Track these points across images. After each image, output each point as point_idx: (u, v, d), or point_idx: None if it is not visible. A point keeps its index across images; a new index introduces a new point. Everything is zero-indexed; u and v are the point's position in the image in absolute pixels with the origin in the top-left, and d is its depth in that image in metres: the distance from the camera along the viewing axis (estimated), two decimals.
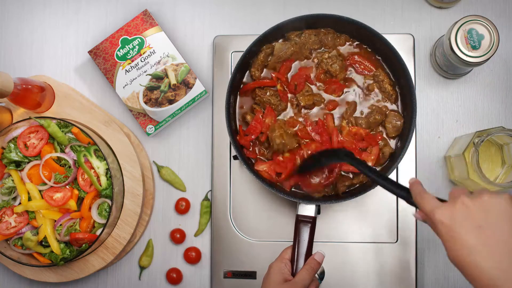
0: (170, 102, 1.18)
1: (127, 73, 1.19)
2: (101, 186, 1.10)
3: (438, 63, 1.16)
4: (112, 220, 1.10)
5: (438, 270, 1.17)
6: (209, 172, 1.21)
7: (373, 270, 1.14)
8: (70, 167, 1.12)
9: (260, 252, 1.15)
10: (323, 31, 1.08)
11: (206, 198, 1.19)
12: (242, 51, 1.06)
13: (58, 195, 1.10)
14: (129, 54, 1.19)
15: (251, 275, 1.15)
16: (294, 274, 0.97)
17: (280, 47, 1.07)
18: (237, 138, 1.06)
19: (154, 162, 1.22)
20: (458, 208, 0.76)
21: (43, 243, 1.12)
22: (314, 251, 0.99)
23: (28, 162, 1.12)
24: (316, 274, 1.00)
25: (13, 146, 1.12)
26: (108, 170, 1.11)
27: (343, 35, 1.09)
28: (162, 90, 1.18)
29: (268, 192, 1.17)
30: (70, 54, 1.25)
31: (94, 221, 1.12)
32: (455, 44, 1.04)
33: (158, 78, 1.18)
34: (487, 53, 1.03)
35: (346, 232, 1.15)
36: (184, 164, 1.22)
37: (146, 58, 1.19)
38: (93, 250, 1.13)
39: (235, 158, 1.06)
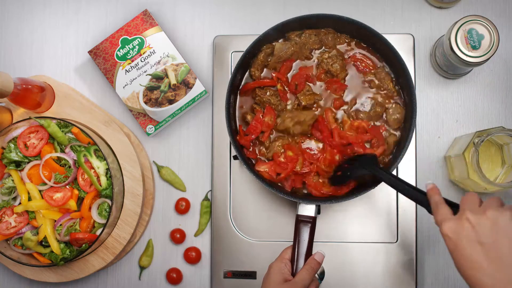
0: (170, 102, 1.18)
1: (127, 73, 1.19)
2: (101, 186, 1.10)
3: (438, 63, 1.16)
4: (112, 220, 1.10)
5: (438, 270, 1.17)
6: (209, 172, 1.21)
7: (373, 270, 1.14)
8: (70, 167, 1.12)
9: (260, 252, 1.15)
10: (323, 31, 1.08)
11: (206, 198, 1.19)
12: (242, 51, 1.06)
13: (58, 195, 1.10)
14: (129, 54, 1.19)
15: (251, 275, 1.15)
16: (294, 274, 0.97)
17: (280, 47, 1.07)
18: (237, 138, 1.06)
19: (154, 162, 1.22)
20: (463, 224, 0.78)
21: (43, 243, 1.12)
22: (314, 251, 0.99)
23: (28, 162, 1.12)
24: (316, 274, 1.00)
25: (13, 146, 1.12)
26: (108, 170, 1.11)
27: (343, 35, 1.09)
28: (162, 90, 1.18)
29: (268, 192, 1.17)
30: (70, 54, 1.25)
31: (94, 221, 1.12)
32: (455, 44, 1.04)
33: (158, 78, 1.18)
34: (487, 53, 1.03)
35: (346, 232, 1.15)
36: (184, 164, 1.22)
37: (146, 58, 1.19)
38: (93, 250, 1.13)
39: (235, 158, 1.06)
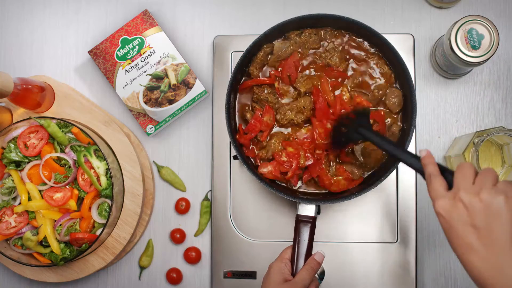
0: (170, 102, 1.18)
1: (127, 73, 1.19)
2: (101, 186, 1.10)
3: (438, 63, 1.16)
4: (112, 220, 1.10)
5: (438, 270, 1.17)
6: (209, 172, 1.21)
7: (373, 270, 1.14)
8: (70, 167, 1.12)
9: (260, 252, 1.15)
10: (323, 30, 1.09)
11: (206, 198, 1.19)
12: (242, 51, 1.06)
13: (58, 195, 1.10)
14: (129, 54, 1.19)
15: (251, 275, 1.15)
16: (294, 274, 0.97)
17: (279, 46, 1.07)
18: (237, 138, 1.06)
19: (154, 162, 1.22)
20: (456, 204, 0.76)
21: (43, 243, 1.12)
22: (314, 251, 0.99)
23: (28, 162, 1.12)
24: (316, 274, 1.00)
25: (13, 146, 1.12)
26: (108, 170, 1.11)
27: (340, 31, 1.09)
28: (162, 90, 1.18)
29: (268, 192, 1.17)
30: (70, 54, 1.25)
31: (94, 221, 1.12)
32: (455, 44, 1.04)
33: (158, 78, 1.18)
34: (487, 53, 1.03)
35: (346, 232, 1.15)
36: (184, 164, 1.22)
37: (146, 58, 1.19)
38: (93, 250, 1.13)
39: (235, 158, 1.06)
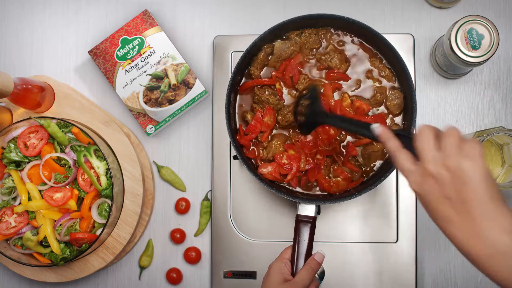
0: (170, 102, 1.18)
1: (127, 73, 1.19)
2: (101, 186, 1.10)
3: (438, 63, 1.16)
4: (112, 220, 1.10)
5: (438, 270, 1.17)
6: (209, 172, 1.21)
7: (373, 270, 1.14)
8: (70, 167, 1.12)
9: (260, 252, 1.15)
10: (323, 30, 1.09)
11: (206, 198, 1.19)
12: (242, 51, 1.06)
13: (58, 195, 1.10)
14: (129, 54, 1.19)
15: (251, 275, 1.15)
16: (294, 274, 0.97)
17: (280, 46, 1.07)
18: (237, 138, 1.06)
19: (154, 162, 1.22)
20: (426, 178, 0.73)
21: (43, 243, 1.12)
22: (314, 251, 0.99)
23: (28, 162, 1.12)
24: (316, 274, 1.00)
25: (13, 146, 1.12)
26: (108, 170, 1.11)
27: (340, 31, 1.09)
28: (162, 90, 1.18)
29: (268, 192, 1.17)
30: (70, 54, 1.25)
31: (94, 221, 1.12)
32: (455, 44, 1.04)
33: (158, 78, 1.18)
34: (487, 53, 1.03)
35: (346, 232, 1.15)
36: (184, 164, 1.22)
37: (146, 58, 1.19)
38: (93, 250, 1.13)
39: (235, 158, 1.06)
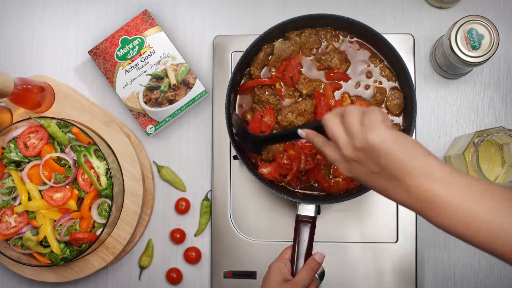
0: (170, 102, 1.18)
1: (127, 73, 1.19)
2: (101, 186, 1.10)
3: (438, 63, 1.16)
4: (112, 220, 1.10)
5: (438, 270, 1.17)
6: (209, 172, 1.21)
7: (373, 270, 1.14)
8: (70, 167, 1.12)
9: (260, 252, 1.15)
10: (323, 30, 1.09)
11: (206, 198, 1.19)
12: (242, 51, 1.06)
13: (58, 195, 1.10)
14: (129, 54, 1.19)
15: (251, 275, 1.15)
16: (294, 274, 0.97)
17: (280, 46, 1.07)
18: (244, 153, 1.06)
19: (154, 162, 1.22)
20: (350, 163, 0.75)
21: (43, 243, 1.12)
22: (314, 251, 0.99)
23: (28, 162, 1.12)
24: (316, 274, 1.00)
25: (13, 146, 1.12)
26: (108, 170, 1.11)
27: (341, 31, 1.09)
28: (162, 90, 1.18)
29: (268, 192, 1.17)
30: (70, 54, 1.25)
31: (94, 221, 1.12)
32: (455, 44, 1.04)
33: (158, 78, 1.18)
34: (487, 53, 1.03)
35: (346, 232, 1.15)
36: (184, 164, 1.22)
37: (146, 58, 1.19)
38: (93, 250, 1.13)
39: (235, 158, 1.06)
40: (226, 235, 1.16)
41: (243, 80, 1.10)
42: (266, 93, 1.07)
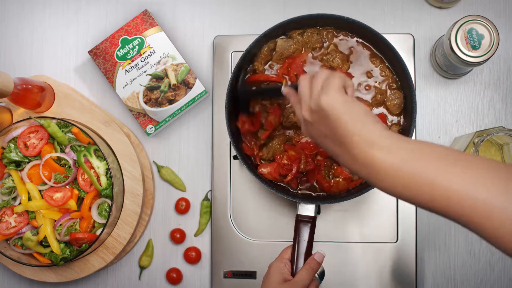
0: (170, 102, 1.18)
1: (127, 73, 1.19)
2: (101, 186, 1.10)
3: (438, 63, 1.16)
4: (112, 220, 1.10)
5: (438, 270, 1.17)
6: (209, 172, 1.21)
7: (373, 270, 1.14)
8: (70, 167, 1.12)
9: (260, 252, 1.15)
10: (325, 30, 1.09)
11: (206, 198, 1.19)
12: (242, 51, 1.05)
13: (58, 195, 1.10)
14: (129, 54, 1.19)
15: (251, 275, 1.15)
16: (294, 274, 0.97)
17: (282, 44, 1.07)
18: (242, 150, 1.06)
19: (154, 162, 1.22)
20: (308, 125, 0.78)
21: (43, 243, 1.12)
22: (314, 251, 0.99)
23: (28, 162, 1.12)
24: (316, 274, 1.00)
25: (13, 146, 1.12)
26: (108, 170, 1.11)
27: (342, 32, 1.09)
28: (162, 90, 1.18)
29: (268, 192, 1.17)
30: (70, 54, 1.25)
31: (94, 221, 1.12)
32: (455, 44, 1.04)
33: (158, 78, 1.18)
34: (487, 53, 1.03)
35: (346, 232, 1.15)
36: (184, 164, 1.22)
37: (146, 58, 1.19)
38: (93, 250, 1.13)
39: (235, 158, 1.06)
40: (226, 235, 1.16)
41: (248, 75, 1.10)
42: None
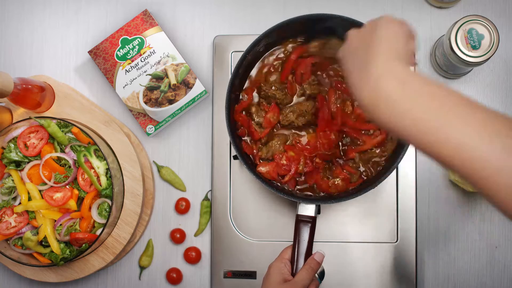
0: (170, 102, 1.18)
1: (127, 73, 1.19)
2: (101, 186, 1.10)
3: (438, 63, 1.16)
4: (112, 220, 1.10)
5: (438, 270, 1.17)
6: (209, 172, 1.21)
7: (373, 270, 1.14)
8: (70, 167, 1.12)
9: (260, 252, 1.15)
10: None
11: (206, 198, 1.19)
12: (242, 51, 1.05)
13: (58, 195, 1.10)
14: (129, 54, 1.19)
15: (251, 275, 1.15)
16: (294, 274, 0.97)
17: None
18: (241, 148, 1.06)
19: (154, 162, 1.22)
20: (346, 42, 0.79)
21: (43, 243, 1.12)
22: (314, 251, 0.99)
23: (28, 162, 1.12)
24: (316, 274, 1.00)
25: (13, 146, 1.12)
26: (108, 170, 1.11)
27: None
28: (162, 90, 1.18)
29: (268, 192, 1.17)
30: (70, 54, 1.25)
31: (94, 221, 1.12)
32: (455, 44, 1.04)
33: (158, 78, 1.18)
34: (487, 53, 1.03)
35: (346, 232, 1.15)
36: (184, 164, 1.22)
37: (146, 58, 1.19)
38: (93, 250, 1.13)
39: (235, 158, 1.06)
40: (226, 235, 1.16)
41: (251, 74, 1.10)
42: (272, 88, 1.07)
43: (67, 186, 1.12)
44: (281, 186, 1.07)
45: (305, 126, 1.08)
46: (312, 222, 1.00)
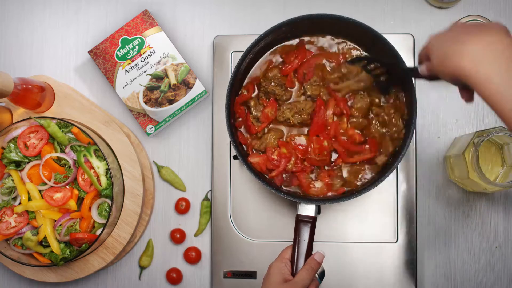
0: (170, 102, 1.18)
1: (127, 73, 1.19)
2: (101, 186, 1.10)
3: None
4: (112, 220, 1.10)
5: (438, 270, 1.17)
6: (209, 172, 1.21)
7: (373, 270, 1.14)
8: (70, 167, 1.12)
9: (260, 252, 1.15)
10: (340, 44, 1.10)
11: (206, 198, 1.19)
12: (242, 51, 1.05)
13: (58, 195, 1.10)
14: (129, 54, 1.19)
15: (251, 275, 1.15)
16: (294, 274, 0.97)
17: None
18: (237, 138, 1.06)
19: (154, 162, 1.22)
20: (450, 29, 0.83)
21: (43, 243, 1.12)
22: (314, 251, 0.99)
23: (28, 162, 1.12)
24: (316, 274, 1.00)
25: (13, 146, 1.12)
26: (108, 170, 1.11)
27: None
28: (162, 90, 1.18)
29: (268, 192, 1.17)
30: (70, 54, 1.25)
31: (94, 221, 1.12)
32: None
33: (158, 78, 1.18)
34: None
35: (346, 232, 1.15)
36: (184, 164, 1.22)
37: (146, 58, 1.19)
38: (93, 250, 1.13)
39: (235, 158, 1.06)
40: (226, 235, 1.16)
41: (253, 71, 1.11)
42: (272, 84, 1.07)
43: (67, 186, 1.12)
44: (281, 186, 1.07)
45: (301, 126, 1.08)
46: (312, 222, 1.00)
